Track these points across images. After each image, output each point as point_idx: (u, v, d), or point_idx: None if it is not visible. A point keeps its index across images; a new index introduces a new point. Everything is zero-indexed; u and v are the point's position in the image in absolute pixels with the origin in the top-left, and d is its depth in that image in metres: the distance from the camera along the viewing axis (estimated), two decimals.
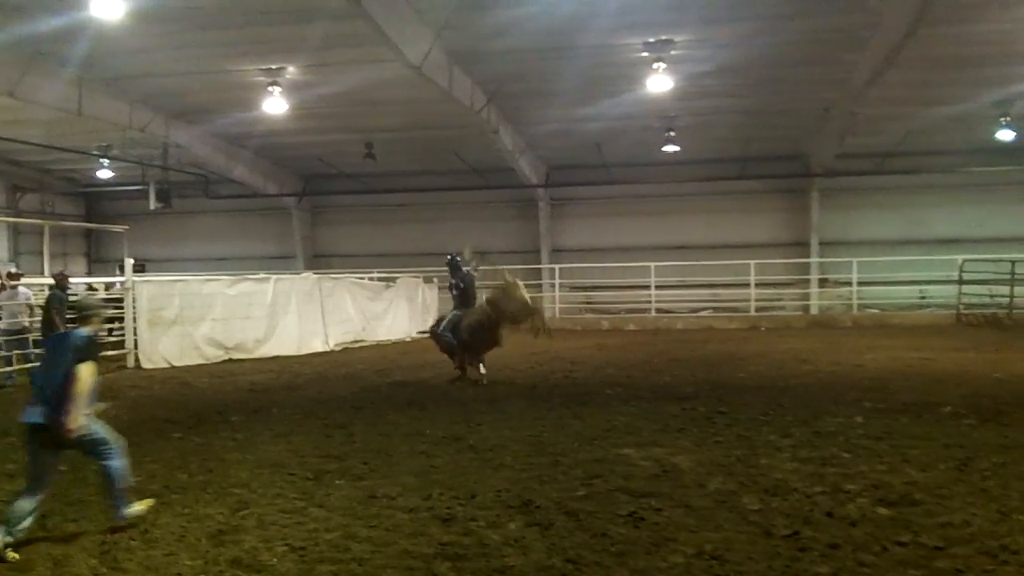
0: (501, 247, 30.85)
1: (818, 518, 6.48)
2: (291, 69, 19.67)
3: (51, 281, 17.70)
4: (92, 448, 6.48)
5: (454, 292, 15.35)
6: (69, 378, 6.24)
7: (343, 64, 19.14)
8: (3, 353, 15.48)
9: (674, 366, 16.28)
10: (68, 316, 13.49)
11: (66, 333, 7.09)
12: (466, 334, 14.56)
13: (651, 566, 5.62)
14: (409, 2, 16.22)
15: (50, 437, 6.24)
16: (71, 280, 16.85)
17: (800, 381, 13.92)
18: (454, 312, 15.05)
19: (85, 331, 6.62)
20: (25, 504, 6.16)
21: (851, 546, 5.87)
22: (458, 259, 15.52)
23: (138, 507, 6.60)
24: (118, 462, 6.55)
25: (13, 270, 17.61)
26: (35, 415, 6.24)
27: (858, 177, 27.86)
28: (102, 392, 6.85)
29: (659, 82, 18.80)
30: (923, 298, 28.03)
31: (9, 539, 6.01)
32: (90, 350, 6.45)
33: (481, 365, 14.45)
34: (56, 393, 6.23)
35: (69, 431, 6.16)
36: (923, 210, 28.22)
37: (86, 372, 6.33)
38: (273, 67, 19.52)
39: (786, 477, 7.67)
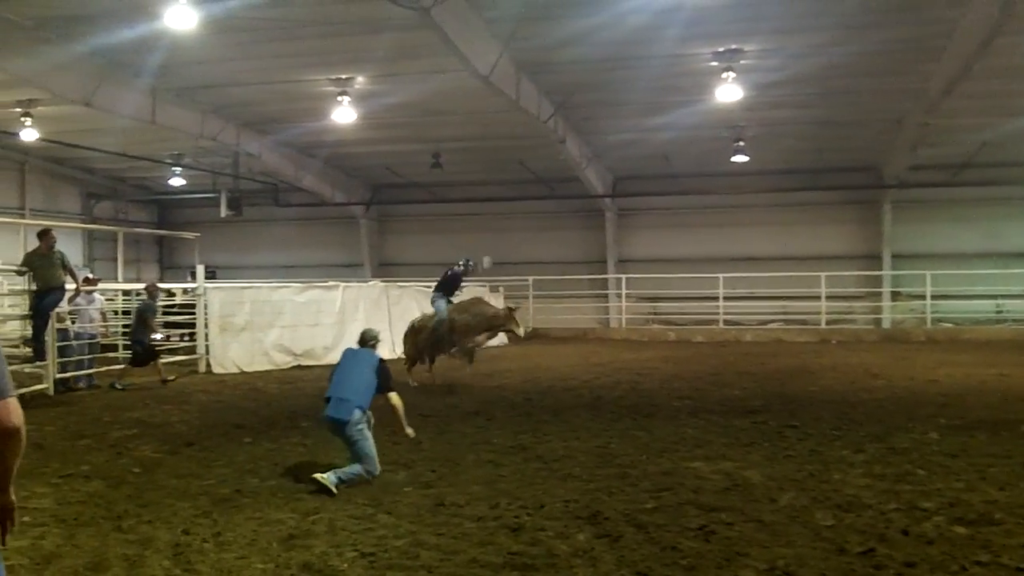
0: (567, 257, 30.92)
1: (893, 536, 6.35)
2: (360, 79, 19.82)
3: (125, 287, 18.14)
4: (357, 450, 8.06)
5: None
6: (367, 386, 8.22)
7: (411, 74, 19.26)
8: (77, 356, 15.79)
9: (743, 379, 16.09)
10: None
11: (363, 351, 8.75)
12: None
13: None
14: (478, 13, 16.27)
15: (340, 429, 8.10)
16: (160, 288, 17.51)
17: (872, 396, 13.67)
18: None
19: (375, 353, 8.62)
20: (356, 468, 7.99)
21: (928, 565, 5.74)
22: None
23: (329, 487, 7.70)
24: (361, 468, 7.99)
25: (90, 275, 18.00)
26: (337, 412, 8.08)
27: (932, 189, 27.21)
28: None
29: (728, 92, 18.52)
30: (1000, 312, 27.37)
31: (337, 480, 7.71)
32: (386, 374, 8.43)
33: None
34: (353, 396, 8.10)
35: (354, 425, 8.04)
36: (999, 222, 27.51)
37: (396, 399, 8.58)
38: (342, 77, 19.68)
39: (859, 493, 7.54)
